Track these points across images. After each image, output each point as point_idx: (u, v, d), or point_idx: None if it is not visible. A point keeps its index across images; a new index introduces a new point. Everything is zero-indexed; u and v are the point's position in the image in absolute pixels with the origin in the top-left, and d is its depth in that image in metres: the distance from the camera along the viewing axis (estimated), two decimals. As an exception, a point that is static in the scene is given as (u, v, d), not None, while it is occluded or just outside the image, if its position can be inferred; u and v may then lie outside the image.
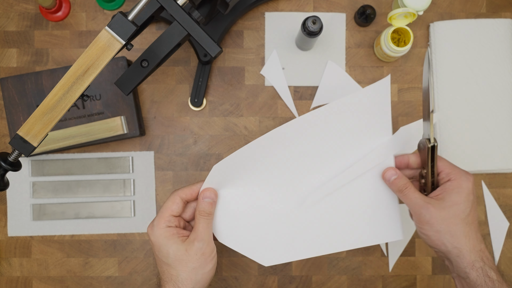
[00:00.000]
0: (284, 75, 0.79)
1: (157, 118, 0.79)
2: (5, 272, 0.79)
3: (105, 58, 0.53)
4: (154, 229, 0.57)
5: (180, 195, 0.58)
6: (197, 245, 0.56)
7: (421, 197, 0.58)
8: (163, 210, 0.57)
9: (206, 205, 0.58)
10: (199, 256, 0.56)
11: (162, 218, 0.57)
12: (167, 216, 0.57)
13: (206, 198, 0.58)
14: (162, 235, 0.56)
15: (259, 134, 0.79)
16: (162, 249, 0.56)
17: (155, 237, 0.56)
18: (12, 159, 0.56)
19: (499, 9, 0.80)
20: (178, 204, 0.58)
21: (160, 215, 0.57)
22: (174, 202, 0.57)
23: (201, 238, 0.56)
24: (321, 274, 0.79)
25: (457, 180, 0.57)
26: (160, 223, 0.56)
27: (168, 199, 0.58)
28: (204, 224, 0.57)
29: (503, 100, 0.78)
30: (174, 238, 0.56)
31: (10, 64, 0.79)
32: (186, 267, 0.55)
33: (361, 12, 0.77)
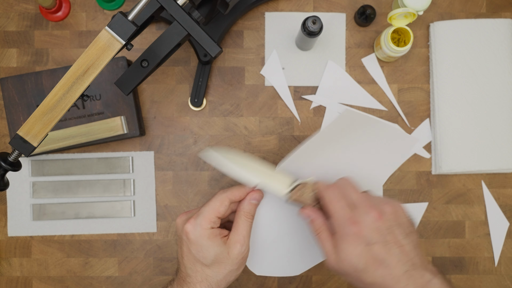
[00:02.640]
0: (284, 75, 0.79)
1: (157, 118, 0.79)
2: (5, 272, 0.79)
3: (105, 58, 0.53)
4: (197, 228, 0.54)
5: (229, 196, 0.56)
6: (239, 249, 0.55)
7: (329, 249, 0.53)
8: (208, 210, 0.55)
9: (252, 207, 0.57)
10: (239, 260, 0.55)
11: (207, 219, 0.54)
12: (213, 217, 0.55)
13: (253, 200, 0.57)
14: (205, 235, 0.54)
15: (259, 134, 0.79)
16: (203, 250, 0.54)
17: (196, 237, 0.54)
18: (12, 159, 0.56)
19: (499, 9, 0.80)
20: (225, 206, 0.55)
21: (206, 215, 0.55)
22: (223, 204, 0.55)
23: (243, 241, 0.55)
24: (321, 274, 0.79)
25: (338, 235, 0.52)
26: (205, 223, 0.54)
27: (214, 199, 0.56)
28: (247, 227, 0.56)
29: (503, 100, 0.78)
30: (217, 240, 0.54)
31: (10, 64, 0.79)
32: (224, 269, 0.55)
33: (361, 12, 0.77)
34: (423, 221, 0.79)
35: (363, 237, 0.51)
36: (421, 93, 0.80)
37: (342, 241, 0.51)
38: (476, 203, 0.79)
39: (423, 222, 0.79)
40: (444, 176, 0.79)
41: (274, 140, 0.79)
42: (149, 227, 0.79)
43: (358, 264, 0.50)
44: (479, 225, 0.79)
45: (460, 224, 0.79)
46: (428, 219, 0.79)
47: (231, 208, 0.58)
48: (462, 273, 0.79)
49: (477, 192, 0.80)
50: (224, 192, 0.56)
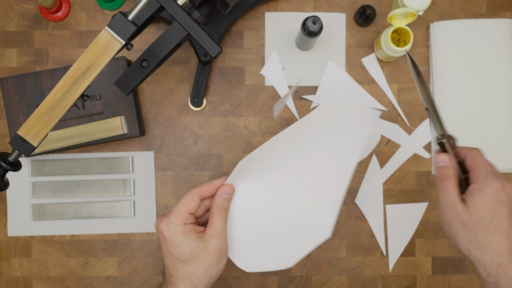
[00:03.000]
0: (284, 75, 0.79)
1: (157, 118, 0.79)
2: (5, 272, 0.79)
3: (105, 58, 0.53)
4: (170, 226, 0.56)
5: (199, 192, 0.58)
6: (216, 242, 0.56)
7: (454, 195, 0.54)
8: (179, 207, 0.56)
9: (225, 201, 0.58)
10: (217, 253, 0.56)
11: (179, 215, 0.56)
12: (184, 213, 0.56)
13: (224, 194, 0.59)
14: (179, 232, 0.55)
15: (259, 134, 0.79)
16: (179, 246, 0.55)
17: (171, 234, 0.55)
18: (12, 159, 0.56)
19: (499, 9, 0.80)
20: (196, 202, 0.57)
21: (177, 212, 0.56)
22: (193, 199, 0.57)
23: (219, 235, 0.56)
24: (321, 274, 0.79)
25: (479, 183, 0.53)
26: (177, 220, 0.56)
27: (185, 196, 0.57)
28: (222, 221, 0.57)
29: (503, 100, 0.78)
30: (192, 235, 0.56)
31: (10, 64, 0.79)
32: (203, 264, 0.55)
33: (361, 12, 0.77)
34: (423, 221, 0.79)
35: (500, 195, 0.52)
36: (421, 93, 0.80)
37: (480, 191, 0.52)
38: (476, 203, 0.79)
39: (423, 222, 0.79)
40: (444, 176, 0.79)
41: (274, 140, 0.79)
42: (149, 227, 0.79)
43: (486, 217, 0.52)
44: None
45: (460, 224, 0.79)
46: (428, 219, 0.79)
47: (205, 205, 0.59)
48: (462, 273, 0.79)
49: (477, 192, 0.79)
50: (194, 188, 0.58)
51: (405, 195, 0.79)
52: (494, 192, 0.52)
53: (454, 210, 0.53)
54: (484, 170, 0.54)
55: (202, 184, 0.59)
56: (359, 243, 0.79)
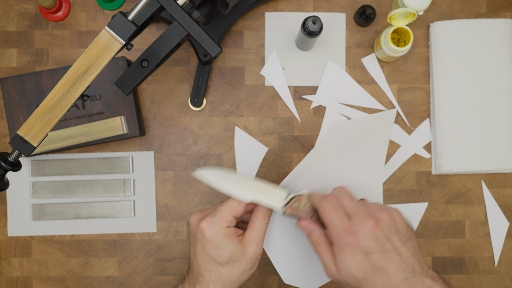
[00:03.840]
0: (284, 75, 0.79)
1: (157, 118, 0.79)
2: (5, 272, 0.79)
3: (105, 58, 0.53)
4: (213, 226, 0.54)
5: None
6: (254, 249, 0.55)
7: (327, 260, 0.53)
8: (225, 209, 0.55)
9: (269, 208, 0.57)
10: (253, 259, 0.55)
11: (224, 218, 0.55)
12: (229, 216, 0.55)
13: None
14: (221, 234, 0.54)
15: (259, 134, 0.79)
16: (218, 248, 0.54)
17: (213, 235, 0.54)
18: (12, 159, 0.56)
19: (499, 9, 0.80)
20: (243, 207, 0.56)
21: (223, 214, 0.55)
22: (240, 204, 0.55)
23: (259, 241, 0.55)
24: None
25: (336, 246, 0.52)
26: (222, 222, 0.54)
27: (232, 199, 0.56)
28: (263, 227, 0.56)
29: (503, 100, 0.78)
30: (233, 239, 0.54)
31: (10, 64, 0.79)
32: (239, 268, 0.55)
33: (361, 12, 0.77)
34: (423, 221, 0.79)
35: (361, 247, 0.50)
36: (421, 93, 0.80)
37: (340, 252, 0.51)
38: (476, 203, 0.79)
39: (423, 222, 0.79)
40: (444, 176, 0.79)
41: (274, 140, 0.79)
42: (149, 227, 0.79)
43: (357, 274, 0.50)
44: (479, 225, 0.79)
45: (460, 224, 0.79)
46: (428, 219, 0.79)
47: (246, 208, 0.58)
48: (462, 273, 0.79)
49: (477, 192, 0.80)
50: None
51: (405, 195, 0.79)
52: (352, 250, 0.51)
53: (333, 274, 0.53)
54: (335, 229, 0.52)
55: None
56: (359, 243, 0.79)
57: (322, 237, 0.55)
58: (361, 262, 0.50)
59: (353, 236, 0.51)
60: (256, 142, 0.79)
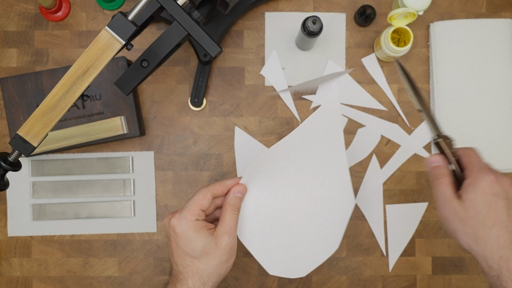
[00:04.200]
0: (284, 75, 0.79)
1: (157, 118, 0.79)
2: (5, 272, 0.79)
3: (105, 58, 0.53)
4: (182, 221, 0.56)
5: (212, 190, 0.58)
6: (227, 240, 0.56)
7: (448, 192, 0.55)
8: (192, 203, 0.57)
9: (237, 200, 0.59)
10: (227, 251, 0.56)
11: (191, 212, 0.56)
12: (196, 209, 0.57)
13: (237, 193, 0.60)
14: (191, 227, 0.56)
15: (259, 134, 0.79)
16: (190, 242, 0.56)
17: (183, 230, 0.56)
18: (12, 159, 0.56)
19: (499, 9, 0.80)
20: (208, 199, 0.58)
21: (190, 208, 0.57)
22: (205, 197, 0.58)
23: (231, 232, 0.57)
24: (321, 274, 0.79)
25: (472, 178, 0.54)
26: (189, 216, 0.56)
27: (198, 193, 0.58)
28: (233, 219, 0.58)
29: (503, 100, 0.78)
30: (204, 231, 0.56)
31: (10, 64, 0.79)
32: (214, 260, 0.56)
33: (361, 12, 0.77)
34: (423, 221, 0.79)
35: (494, 187, 0.53)
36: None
37: (474, 185, 0.53)
38: (476, 203, 0.79)
39: (423, 222, 0.79)
40: (444, 176, 0.79)
41: (274, 140, 0.79)
42: (149, 227, 0.79)
43: (481, 210, 0.52)
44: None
45: (460, 224, 0.79)
46: (428, 219, 0.79)
47: (216, 204, 0.60)
48: (462, 273, 0.79)
49: (477, 192, 0.79)
50: (207, 187, 0.59)
51: (405, 195, 0.79)
52: (488, 185, 0.53)
53: (451, 206, 0.54)
54: (476, 165, 0.55)
55: (215, 183, 0.60)
56: (359, 243, 0.79)
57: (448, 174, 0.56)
58: (490, 200, 0.52)
59: (493, 175, 0.53)
60: (256, 142, 0.79)
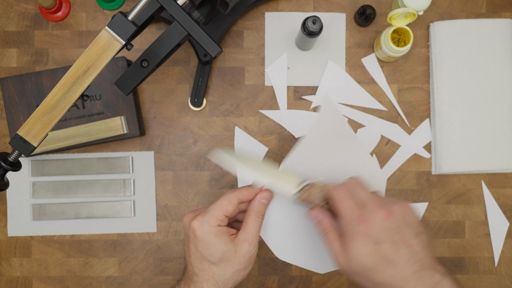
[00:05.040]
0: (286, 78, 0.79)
1: (157, 118, 0.79)
2: (5, 272, 0.79)
3: (105, 58, 0.53)
4: (204, 225, 0.54)
5: (238, 196, 0.56)
6: (247, 248, 0.54)
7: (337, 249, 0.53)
8: (217, 208, 0.55)
9: (262, 206, 0.57)
10: (247, 259, 0.55)
11: (215, 216, 0.54)
12: (220, 215, 0.55)
13: (263, 199, 0.57)
14: (212, 233, 0.54)
15: (259, 134, 0.79)
16: (210, 247, 0.54)
17: (204, 234, 0.54)
18: (12, 159, 0.56)
19: (499, 9, 0.80)
20: (234, 205, 0.56)
21: (214, 212, 0.55)
22: (231, 203, 0.55)
23: (252, 240, 0.55)
24: (321, 274, 0.79)
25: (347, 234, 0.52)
26: (212, 221, 0.54)
27: (223, 198, 0.56)
28: (256, 226, 0.56)
29: (503, 100, 0.78)
30: (225, 237, 0.54)
31: (10, 64, 0.79)
32: (231, 268, 0.54)
33: (361, 12, 0.77)
34: (423, 221, 0.79)
35: (371, 236, 0.50)
36: (421, 93, 0.80)
37: (350, 240, 0.51)
38: (476, 203, 0.79)
39: (423, 222, 0.79)
40: (444, 176, 0.79)
41: (274, 140, 0.79)
42: (149, 227, 0.79)
43: (367, 263, 0.50)
44: (479, 225, 0.79)
45: (460, 224, 0.79)
46: (428, 219, 0.79)
47: (239, 208, 0.58)
48: (462, 273, 0.79)
49: (477, 192, 0.80)
50: (233, 192, 0.56)
51: (405, 195, 0.79)
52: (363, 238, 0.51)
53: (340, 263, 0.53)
54: (346, 217, 0.52)
55: (242, 187, 0.57)
56: (359, 243, 0.79)
57: (332, 226, 0.54)
58: (371, 251, 0.50)
59: (365, 224, 0.51)
60: (256, 142, 0.79)
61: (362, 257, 0.50)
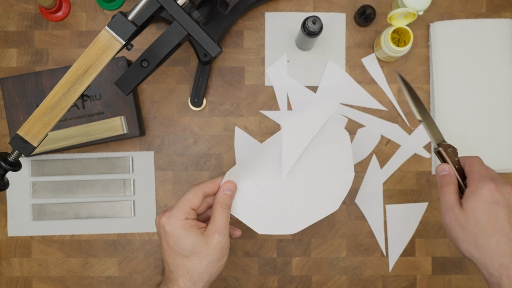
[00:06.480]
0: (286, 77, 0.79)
1: (157, 118, 0.79)
2: (5, 272, 0.79)
3: (105, 58, 0.53)
4: (171, 220, 0.56)
5: (202, 189, 0.58)
6: (218, 238, 0.56)
7: (453, 200, 0.57)
8: (182, 202, 0.57)
9: (227, 197, 0.59)
10: (218, 250, 0.56)
11: (181, 210, 0.56)
12: (187, 208, 0.56)
13: (227, 191, 0.59)
14: (180, 226, 0.55)
15: (259, 134, 0.79)
16: (180, 241, 0.55)
17: (172, 228, 0.56)
18: (12, 159, 0.56)
19: (499, 9, 0.80)
20: (199, 198, 0.58)
21: (180, 206, 0.56)
22: (196, 195, 0.57)
23: (222, 230, 0.56)
24: (321, 274, 0.79)
25: (473, 186, 0.56)
26: (179, 214, 0.56)
27: (188, 192, 0.58)
28: (224, 217, 0.57)
29: (503, 100, 0.78)
30: (193, 230, 0.56)
31: (10, 64, 0.79)
32: (204, 260, 0.55)
33: (361, 12, 0.77)
34: (423, 221, 0.79)
35: (494, 196, 0.54)
36: (421, 93, 0.80)
37: (475, 193, 0.55)
38: (476, 203, 0.79)
39: (423, 222, 0.79)
40: (444, 176, 0.79)
41: (274, 140, 0.79)
42: (149, 227, 0.79)
43: (482, 218, 0.54)
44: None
45: (460, 224, 0.79)
46: (428, 219, 0.79)
47: (207, 202, 0.60)
48: (462, 273, 0.79)
49: (477, 192, 0.79)
50: (198, 185, 0.59)
51: (405, 195, 0.79)
52: (488, 193, 0.54)
53: (452, 213, 0.56)
54: (478, 174, 0.56)
55: (205, 181, 0.60)
56: (359, 243, 0.79)
57: (455, 181, 0.58)
58: (490, 209, 0.54)
59: (493, 183, 0.55)
60: (256, 142, 0.79)
61: (480, 210, 0.54)
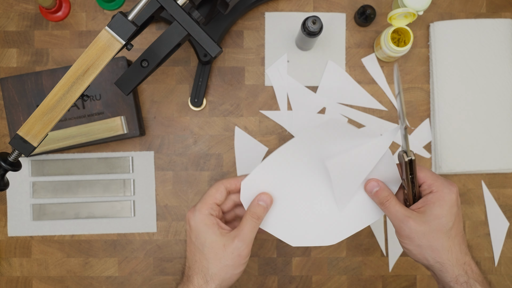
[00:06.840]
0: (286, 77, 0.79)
1: (157, 118, 0.79)
2: (5, 272, 0.79)
3: (105, 58, 0.53)
4: (195, 213, 0.56)
5: (225, 184, 0.58)
6: (237, 244, 0.55)
7: (402, 211, 0.55)
8: (206, 197, 0.57)
9: (260, 209, 0.57)
10: (235, 256, 0.55)
11: (205, 204, 0.56)
12: (210, 203, 0.56)
13: (261, 202, 0.57)
14: (203, 221, 0.55)
15: (259, 134, 0.79)
16: (200, 236, 0.55)
17: (196, 222, 0.55)
18: (12, 159, 0.56)
19: (499, 9, 0.80)
20: (222, 193, 0.57)
21: (203, 201, 0.56)
22: (218, 190, 0.57)
23: (243, 238, 0.55)
24: (321, 274, 0.79)
25: (439, 192, 0.54)
26: (203, 208, 0.56)
27: (212, 187, 0.57)
28: (251, 226, 0.56)
29: (503, 100, 0.78)
30: (214, 228, 0.55)
31: (10, 64, 0.79)
32: (219, 262, 0.55)
33: (361, 12, 0.77)
34: (423, 221, 0.79)
35: (458, 199, 0.55)
36: (421, 93, 0.80)
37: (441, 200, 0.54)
38: (476, 203, 0.79)
39: (423, 222, 0.79)
40: (444, 176, 0.79)
41: (274, 140, 0.79)
42: (149, 227, 0.79)
43: (448, 223, 0.53)
44: (479, 225, 0.79)
45: (460, 224, 0.79)
46: (428, 219, 0.79)
47: (233, 200, 0.59)
48: (462, 273, 0.79)
49: (477, 192, 0.79)
50: (220, 181, 0.58)
51: (405, 195, 0.79)
52: (455, 198, 0.54)
53: (410, 223, 0.54)
54: (439, 179, 0.56)
55: (229, 177, 0.59)
56: (359, 243, 0.79)
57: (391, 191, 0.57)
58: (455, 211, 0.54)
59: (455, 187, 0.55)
60: (256, 142, 0.79)
61: (446, 216, 0.53)
